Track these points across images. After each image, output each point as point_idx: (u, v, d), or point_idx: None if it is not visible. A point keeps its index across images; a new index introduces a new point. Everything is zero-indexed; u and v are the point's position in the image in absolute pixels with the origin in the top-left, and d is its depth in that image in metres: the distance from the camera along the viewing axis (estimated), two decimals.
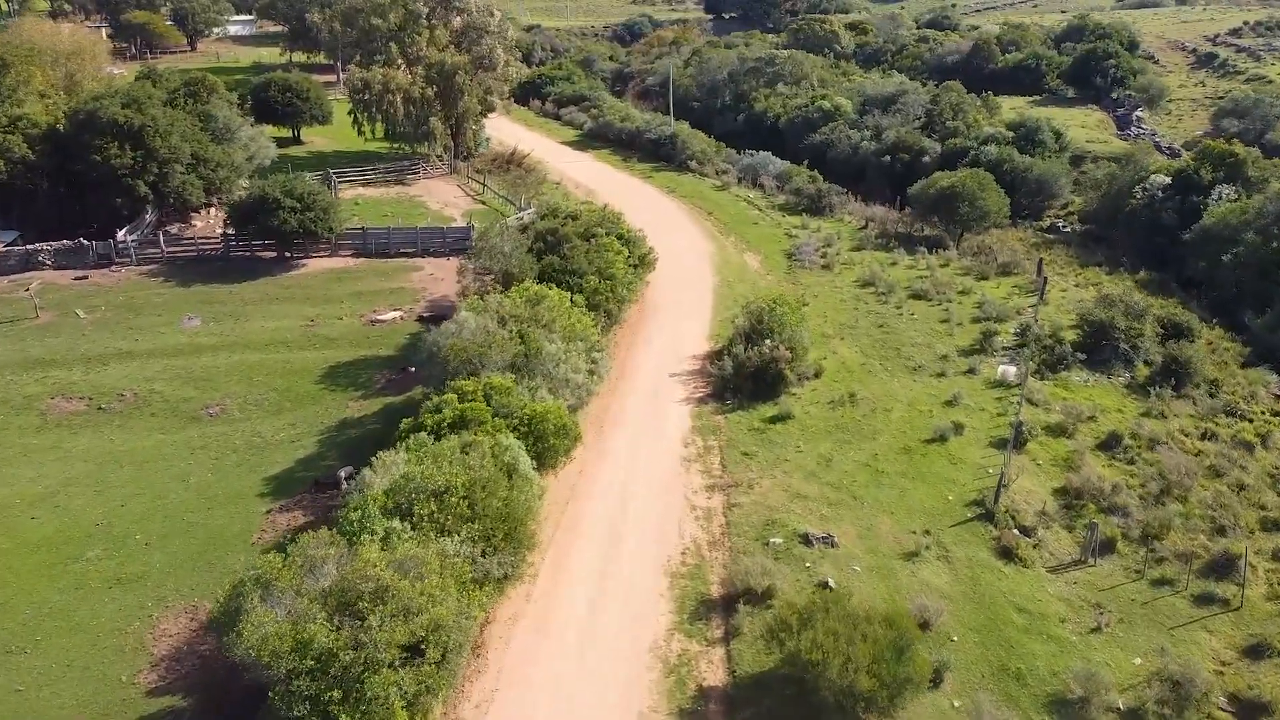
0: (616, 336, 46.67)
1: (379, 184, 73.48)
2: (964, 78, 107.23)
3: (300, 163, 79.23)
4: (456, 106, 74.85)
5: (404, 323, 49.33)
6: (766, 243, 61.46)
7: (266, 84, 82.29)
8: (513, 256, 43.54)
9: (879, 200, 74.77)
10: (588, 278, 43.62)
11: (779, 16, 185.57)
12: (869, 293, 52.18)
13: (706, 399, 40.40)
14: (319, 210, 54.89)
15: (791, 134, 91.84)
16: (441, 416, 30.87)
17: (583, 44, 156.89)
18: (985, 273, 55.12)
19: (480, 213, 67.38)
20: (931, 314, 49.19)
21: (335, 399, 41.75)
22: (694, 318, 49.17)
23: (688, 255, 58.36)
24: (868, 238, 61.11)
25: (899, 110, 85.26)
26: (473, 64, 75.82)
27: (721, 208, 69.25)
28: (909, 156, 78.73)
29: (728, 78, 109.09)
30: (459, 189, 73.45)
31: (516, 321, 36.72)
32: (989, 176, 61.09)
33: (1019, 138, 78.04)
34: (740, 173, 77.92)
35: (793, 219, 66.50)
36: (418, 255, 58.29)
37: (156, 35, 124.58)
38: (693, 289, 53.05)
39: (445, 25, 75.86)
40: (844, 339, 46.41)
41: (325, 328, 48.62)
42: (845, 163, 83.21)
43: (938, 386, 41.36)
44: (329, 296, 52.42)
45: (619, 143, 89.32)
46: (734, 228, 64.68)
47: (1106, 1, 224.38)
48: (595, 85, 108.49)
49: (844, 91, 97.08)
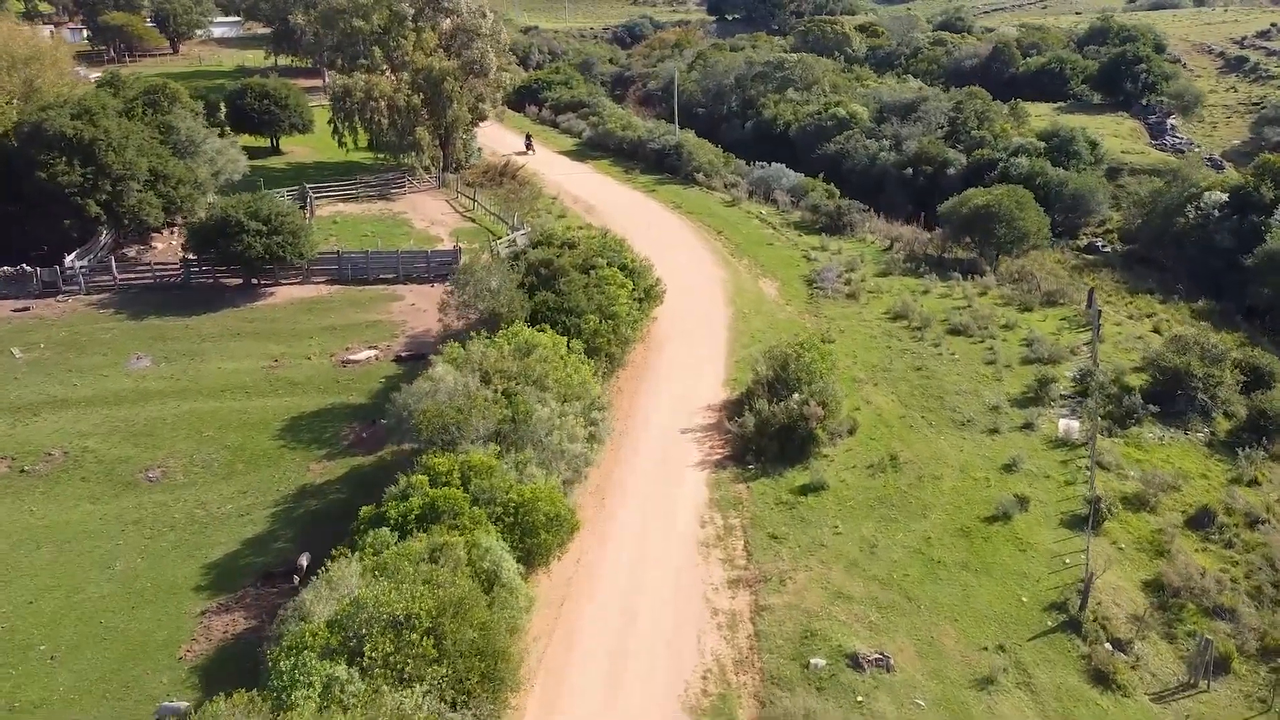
0: (619, 381, 41.12)
1: (361, 199, 67.90)
2: (983, 83, 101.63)
3: (277, 176, 73.76)
4: (445, 115, 69.28)
5: (380, 363, 43.76)
6: (783, 267, 55.89)
7: (242, 90, 76.75)
8: (501, 293, 37.97)
9: (899, 216, 69.31)
10: (587, 317, 38.06)
11: (784, 18, 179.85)
12: (902, 327, 46.62)
13: (725, 462, 34.81)
14: (288, 234, 49.31)
15: (803, 143, 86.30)
16: (408, 506, 25.30)
17: (581, 46, 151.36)
18: (1029, 303, 49.56)
19: (469, 232, 61.84)
20: (974, 353, 43.63)
21: (295, 459, 36.19)
22: (707, 358, 43.61)
23: (698, 282, 52.80)
24: (894, 261, 55.50)
25: (920, 118, 79.70)
26: (463, 69, 70.24)
27: (732, 226, 63.69)
28: (932, 169, 73.24)
29: (734, 83, 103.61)
30: (447, 205, 67.88)
31: (503, 378, 31.15)
32: (1027, 194, 55.53)
33: (1051, 149, 72.47)
34: (751, 186, 72.39)
35: (810, 239, 60.96)
36: (399, 282, 52.70)
37: (136, 37, 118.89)
38: (704, 323, 47.48)
39: (433, 28, 70.27)
40: (878, 384, 40.85)
41: (290, 369, 43.06)
42: (862, 175, 77.70)
43: (992, 446, 35.77)
44: (297, 331, 46.84)
45: (620, 152, 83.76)
46: (747, 249, 59.13)
47: (1118, 3, 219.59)
48: (595, 90, 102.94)
49: (858, 98, 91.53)
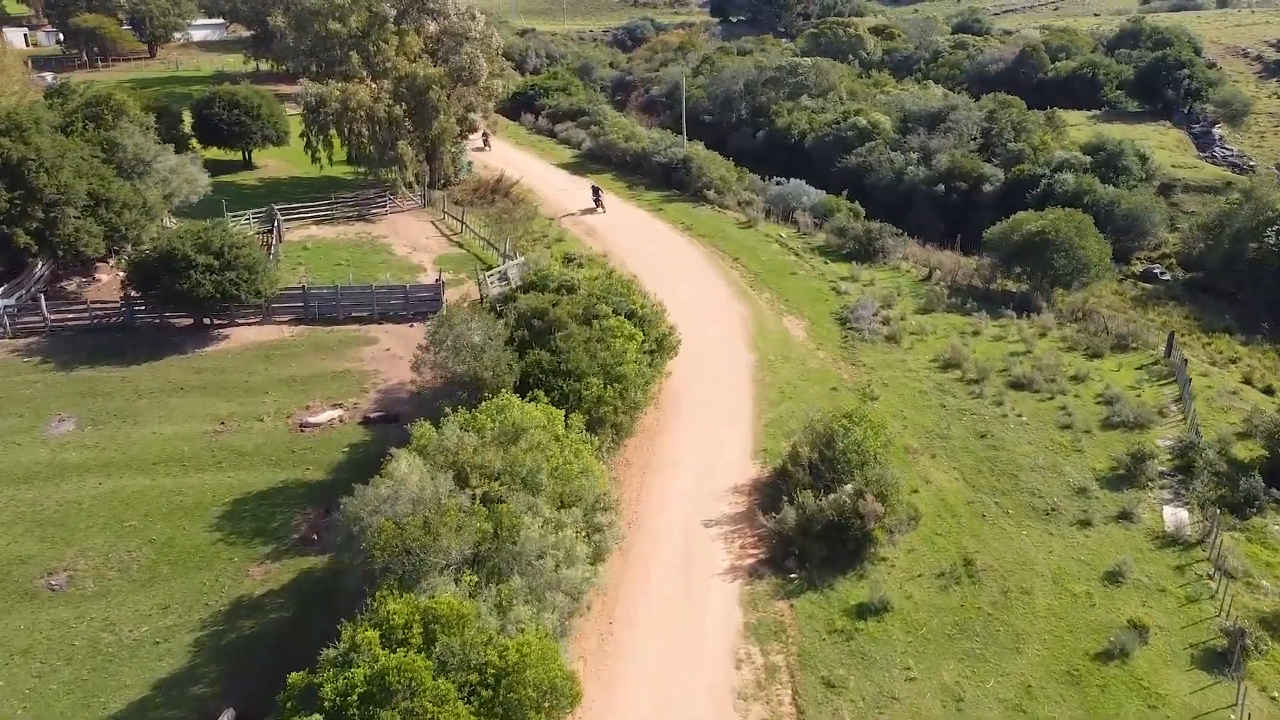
0: (627, 452, 34.50)
1: (337, 221, 61.22)
2: (1009, 89, 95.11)
3: (246, 194, 67.15)
4: (430, 127, 62.68)
5: (344, 425, 37.15)
6: (810, 301, 49.30)
7: (210, 99, 70.12)
8: (485, 352, 31.35)
9: (929, 237, 62.70)
10: (588, 381, 31.44)
11: (790, 20, 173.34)
12: (954, 379, 40.04)
13: (761, 569, 28.21)
14: (243, 269, 42.69)
15: (820, 155, 79.75)
16: (350, 680, 18.67)
17: (580, 49, 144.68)
18: (1097, 348, 42.96)
19: (456, 259, 55.22)
20: (1044, 414, 37.04)
21: (233, 559, 29.60)
22: (730, 421, 36.99)
23: (714, 321, 46.21)
24: (937, 295, 48.86)
25: (950, 129, 73.13)
26: (450, 76, 63.66)
27: (749, 251, 57.08)
28: (966, 186, 66.71)
29: (743, 89, 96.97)
30: (433, 227, 61.25)
31: (484, 476, 24.55)
32: (1087, 219, 48.92)
33: (1098, 163, 65.94)
34: (768, 204, 65.72)
35: (838, 267, 54.36)
36: (373, 321, 46.08)
37: (109, 41, 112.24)
38: (725, 373, 40.86)
39: (418, 31, 63.69)
40: (936, 456, 34.26)
41: (239, 434, 36.44)
42: (887, 191, 71.15)
43: (1086, 545, 29.19)
44: (251, 385, 40.20)
45: (623, 166, 77.08)
46: (767, 279, 52.53)
47: (1131, 4, 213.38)
48: (595, 98, 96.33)
49: (878, 106, 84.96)
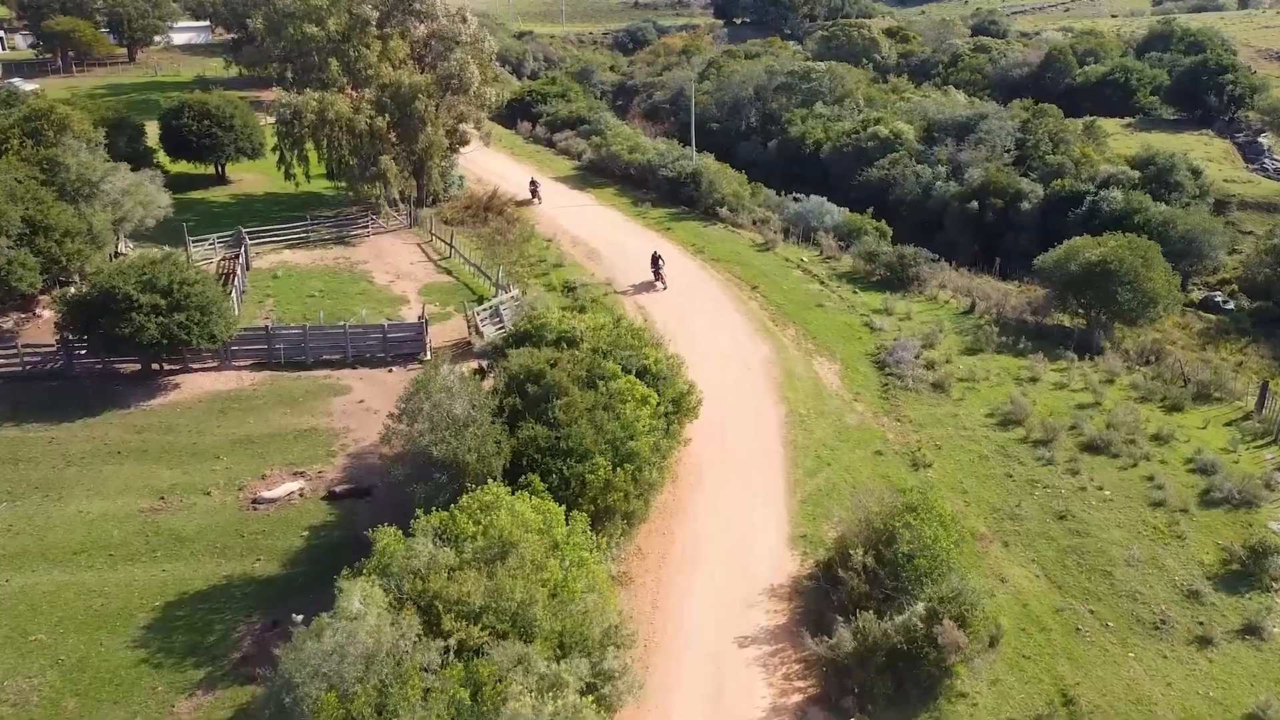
0: (639, 538, 28.92)
1: (313, 245, 55.53)
2: (1035, 95, 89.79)
3: (216, 213, 61.59)
4: (417, 140, 57.09)
5: (305, 500, 31.56)
6: (841, 339, 43.72)
7: (179, 109, 64.52)
8: (469, 428, 25.74)
9: (961, 258, 57.38)
10: (594, 463, 25.84)
11: (796, 22, 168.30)
12: (1017, 439, 34.46)
13: (810, 708, 22.60)
14: (195, 310, 37.09)
15: (838, 167, 74.37)
16: None
17: (580, 53, 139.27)
18: (1175, 399, 37.39)
19: (443, 289, 49.65)
20: (1129, 486, 31.47)
21: (157, 687, 23.99)
22: (760, 495, 31.40)
23: (735, 364, 40.65)
24: (985, 334, 43.14)
25: (982, 140, 67.57)
26: (438, 84, 58.10)
27: (769, 278, 51.49)
28: (1002, 203, 61.23)
29: (753, 94, 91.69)
30: (419, 250, 55.65)
31: (460, 617, 18.96)
32: (1154, 246, 43.36)
33: (1147, 178, 60.42)
34: (786, 223, 60.21)
35: (868, 297, 48.81)
36: (346, 365, 40.50)
37: (84, 45, 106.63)
38: (750, 433, 35.24)
39: (403, 35, 58.13)
40: (1009, 544, 28.70)
41: (180, 513, 30.84)
42: (914, 208, 65.74)
43: (1211, 673, 23.61)
44: (200, 447, 34.59)
45: (627, 179, 71.54)
46: (791, 311, 46.95)
47: (1144, 5, 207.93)
48: (596, 105, 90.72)
49: (899, 113, 79.50)
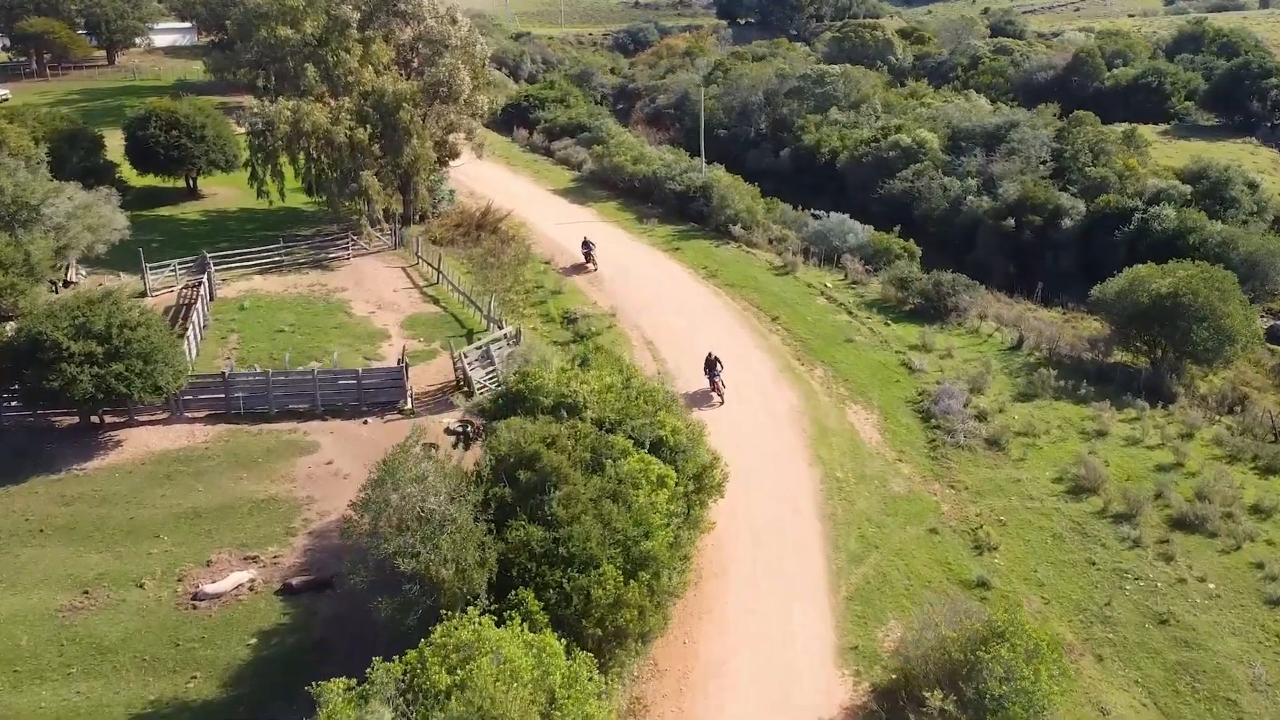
0: (656, 651, 23.84)
1: (286, 270, 50.38)
2: (1061, 99, 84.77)
3: (184, 232, 56.53)
4: (402, 153, 52.03)
5: (255, 596, 26.52)
6: (877, 382, 38.68)
7: (145, 118, 59.41)
8: (444, 532, 20.67)
9: (997, 280, 52.46)
10: (600, 573, 20.79)
11: (802, 22, 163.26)
12: (1093, 512, 29.46)
13: None
14: (136, 358, 32.05)
15: (856, 178, 69.38)
16: None
17: (579, 54, 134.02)
18: (1268, 457, 32.43)
19: (429, 321, 44.59)
20: (1235, 577, 26.47)
21: None
22: (797, 589, 26.32)
23: (758, 414, 35.61)
24: (1041, 378, 37.95)
25: (1014, 151, 62.50)
26: (426, 92, 53.04)
27: (790, 307, 46.44)
28: (1041, 220, 56.12)
29: (763, 99, 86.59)
30: (403, 275, 50.56)
31: None
32: (1230, 277, 38.36)
33: (1199, 193, 55.43)
34: (805, 242, 55.19)
35: (902, 329, 43.75)
36: (314, 416, 35.45)
37: (59, 47, 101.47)
38: (781, 504, 30.19)
39: (386, 39, 53.07)
40: (1103, 658, 23.68)
41: (105, 613, 25.82)
42: (942, 224, 60.72)
43: None
44: (137, 524, 29.55)
45: (631, 192, 66.41)
46: (818, 348, 41.90)
47: (1156, 5, 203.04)
48: (597, 111, 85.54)
49: (921, 120, 74.47)
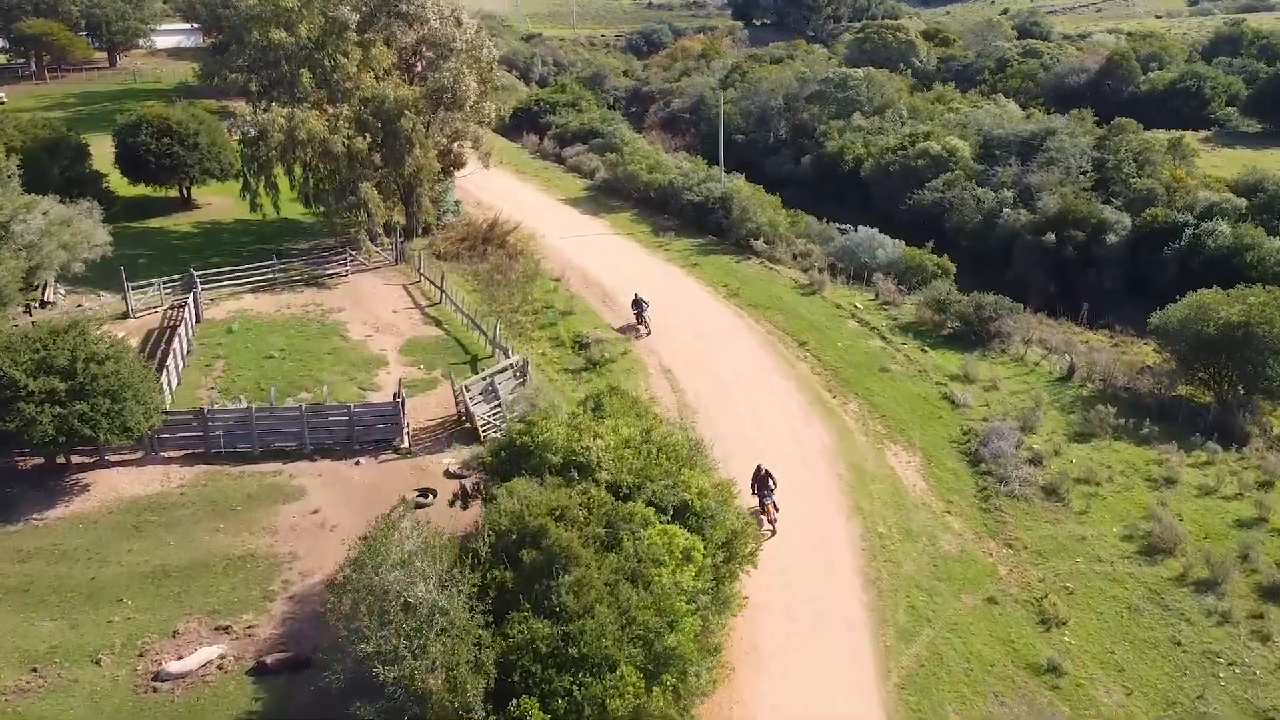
0: None
1: (280, 288, 47.27)
2: (1094, 104, 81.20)
3: (175, 245, 53.57)
4: (404, 164, 48.92)
5: (223, 677, 23.35)
6: (917, 417, 35.37)
7: (135, 125, 56.47)
8: (431, 628, 17.46)
9: (1036, 299, 49.05)
10: (620, 675, 17.54)
11: (820, 23, 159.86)
12: (1170, 577, 26.11)
13: None
14: (103, 396, 28.99)
15: (882, 188, 66.06)
16: None
17: (591, 56, 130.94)
18: None
19: (430, 345, 41.42)
20: None
21: None
22: (840, 673, 22.99)
23: (790, 458, 32.26)
24: (1099, 416, 34.44)
25: (1052, 160, 58.97)
26: (429, 99, 49.92)
27: (819, 331, 43.15)
28: (1083, 235, 52.66)
29: (783, 104, 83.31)
30: (405, 294, 47.42)
31: None
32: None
33: (1255, 207, 51.88)
34: (831, 257, 51.90)
35: (941, 357, 40.38)
36: (302, 457, 32.32)
37: (58, 48, 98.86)
38: (818, 567, 26.85)
39: (388, 42, 49.95)
40: None
41: (53, 696, 22.72)
42: (975, 238, 57.29)
43: None
44: (98, 585, 26.46)
45: (646, 202, 63.19)
46: (851, 378, 38.59)
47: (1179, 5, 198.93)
48: (610, 116, 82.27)
49: (950, 127, 71.06)
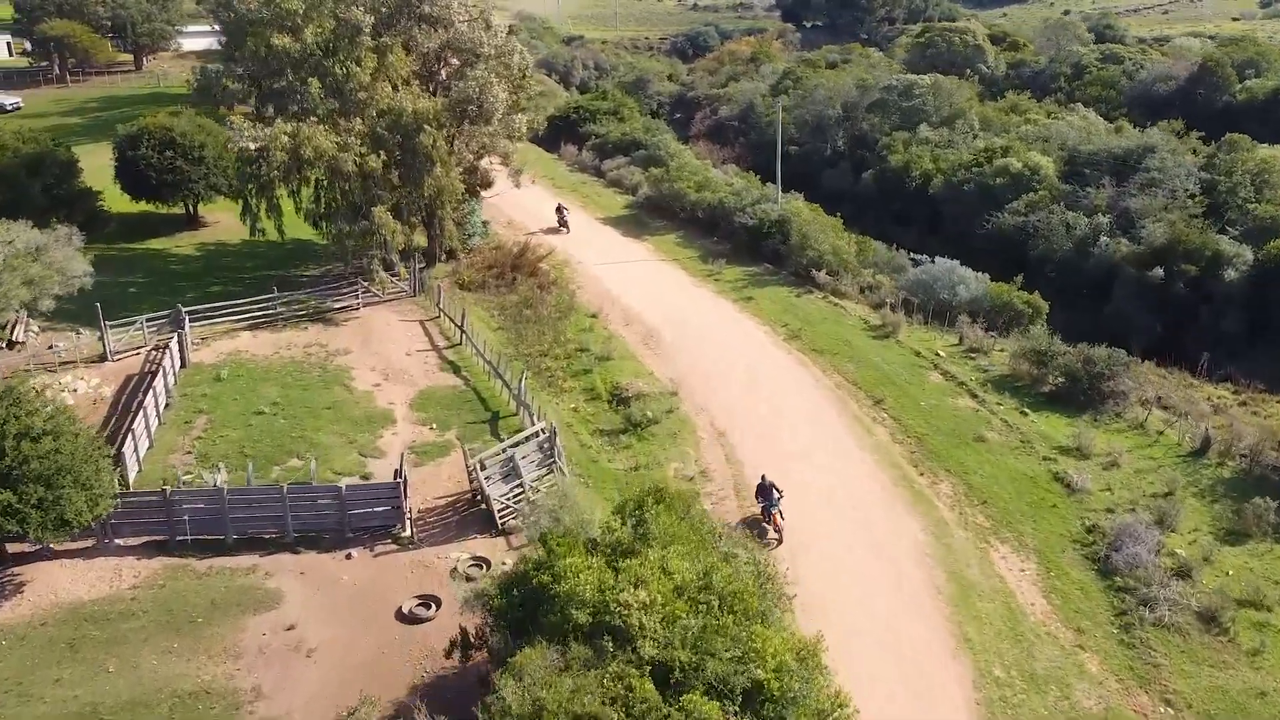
0: None
1: (281, 324, 41.95)
2: (1183, 115, 74.09)
3: (174, 271, 48.67)
4: (423, 184, 43.46)
5: None
6: (1025, 505, 29.14)
7: (137, 136, 51.68)
8: None
9: (1140, 344, 42.49)
10: None
11: (873, 25, 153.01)
12: None
13: None
14: (34, 483, 23.71)
15: (954, 208, 59.70)
16: None
17: (634, 60, 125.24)
18: None
19: (446, 399, 35.80)
20: None
21: None
22: None
23: (869, 558, 26.25)
24: (1256, 510, 28.00)
25: (1155, 182, 52.14)
26: (452, 112, 44.43)
27: (896, 385, 36.95)
28: (1196, 269, 45.96)
29: (841, 113, 77.04)
30: (421, 331, 41.91)
31: None
32: None
33: None
34: (904, 291, 45.71)
35: (1045, 422, 34.05)
36: (282, 548, 26.84)
37: (81, 51, 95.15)
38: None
39: (406, 47, 44.50)
40: None
41: None
42: (1067, 269, 50.66)
43: None
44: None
45: (693, 223, 57.32)
46: (940, 448, 32.39)
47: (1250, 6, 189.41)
48: (654, 126, 76.33)
49: (1027, 140, 64.34)
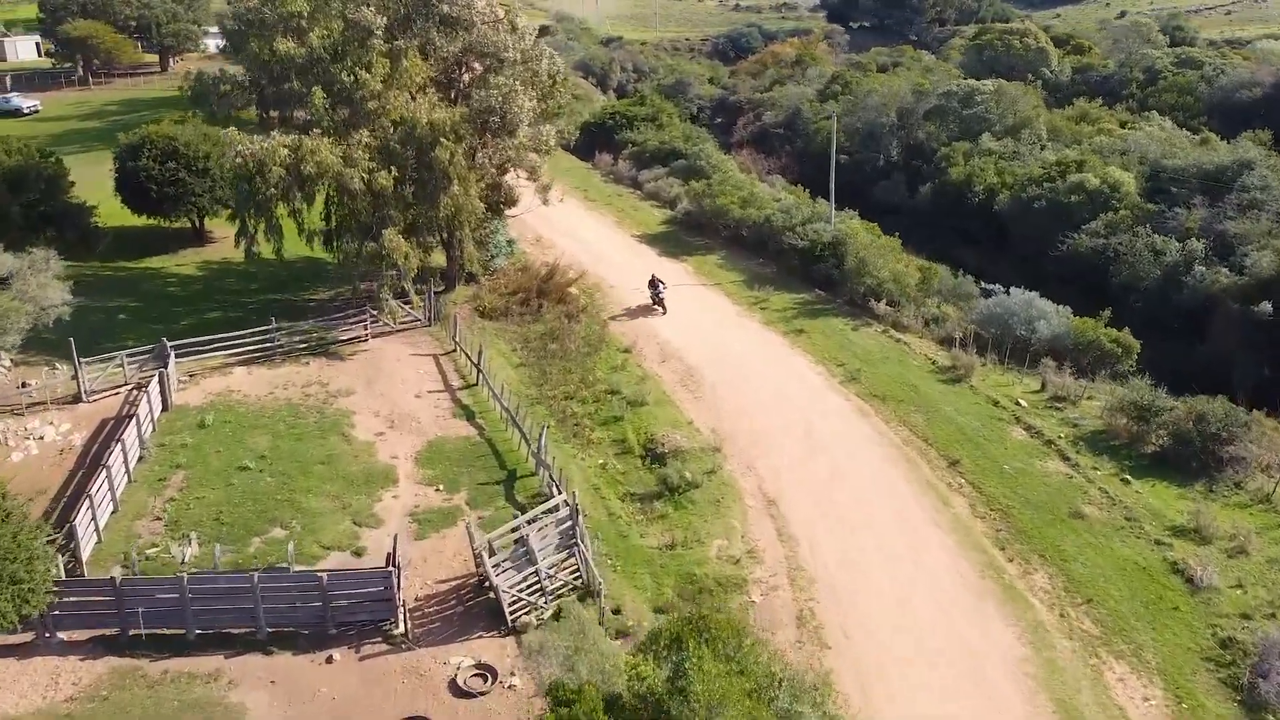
0: None
1: (279, 359, 37.81)
2: (1267, 124, 68.45)
3: (170, 294, 44.84)
4: (439, 203, 39.16)
5: None
6: (1140, 605, 24.26)
7: (138, 146, 47.95)
8: None
9: (1241, 384, 37.39)
10: None
11: (923, 26, 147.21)
12: None
13: None
14: None
15: (1022, 226, 54.56)
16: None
17: (674, 62, 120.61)
18: None
19: (458, 452, 31.42)
20: None
21: None
22: None
23: (957, 677, 21.53)
24: None
25: (1257, 203, 46.65)
26: (473, 123, 40.11)
27: (973, 442, 32.06)
28: None
29: (895, 120, 72.01)
30: (434, 367, 37.63)
31: None
32: None
33: None
34: (974, 324, 40.74)
35: (1151, 492, 29.09)
36: (256, 644, 22.61)
37: (104, 52, 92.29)
38: None
39: (422, 52, 40.21)
40: None
41: None
42: (1155, 300, 45.39)
43: None
44: None
45: (737, 241, 52.69)
46: (1029, 526, 27.51)
47: None
48: (695, 135, 71.57)
49: (1102, 152, 58.93)
